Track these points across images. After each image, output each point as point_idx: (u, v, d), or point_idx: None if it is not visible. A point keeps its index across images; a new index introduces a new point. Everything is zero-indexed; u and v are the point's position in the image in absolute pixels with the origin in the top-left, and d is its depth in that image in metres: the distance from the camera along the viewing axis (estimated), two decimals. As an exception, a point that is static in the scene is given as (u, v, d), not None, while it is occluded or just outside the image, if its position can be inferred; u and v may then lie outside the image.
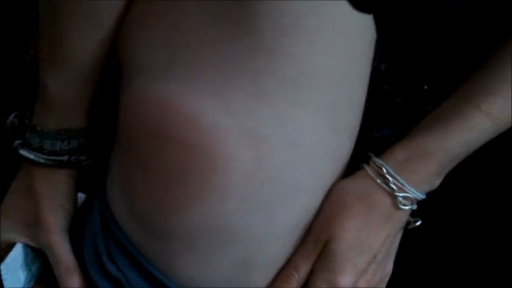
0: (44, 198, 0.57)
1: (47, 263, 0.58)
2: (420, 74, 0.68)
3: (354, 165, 0.55)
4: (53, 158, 0.56)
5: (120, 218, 0.54)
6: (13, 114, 0.58)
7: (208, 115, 0.47)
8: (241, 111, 0.47)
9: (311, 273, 0.52)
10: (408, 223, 0.55)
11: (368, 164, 0.53)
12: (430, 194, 0.54)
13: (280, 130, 0.48)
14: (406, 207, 0.52)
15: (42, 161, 0.56)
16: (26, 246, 0.59)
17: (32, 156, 0.56)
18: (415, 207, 0.53)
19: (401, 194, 0.52)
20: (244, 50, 0.47)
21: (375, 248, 0.52)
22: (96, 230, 0.56)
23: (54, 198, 0.57)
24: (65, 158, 0.56)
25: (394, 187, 0.52)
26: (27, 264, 0.58)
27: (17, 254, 0.58)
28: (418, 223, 0.54)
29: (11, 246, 0.58)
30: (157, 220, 0.51)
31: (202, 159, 0.48)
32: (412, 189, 0.52)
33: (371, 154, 0.54)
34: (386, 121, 0.66)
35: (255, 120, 0.48)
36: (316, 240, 0.52)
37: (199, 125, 0.47)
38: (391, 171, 0.52)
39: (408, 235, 0.56)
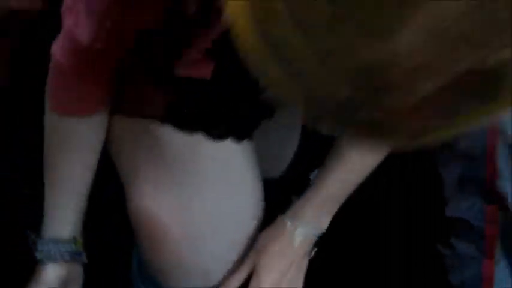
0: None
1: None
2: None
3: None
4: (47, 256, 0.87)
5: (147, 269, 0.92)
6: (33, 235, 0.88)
7: (165, 221, 0.84)
8: (179, 209, 0.84)
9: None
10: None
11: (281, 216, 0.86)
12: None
13: (204, 216, 0.83)
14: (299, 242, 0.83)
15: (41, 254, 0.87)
16: None
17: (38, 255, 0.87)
18: (313, 240, 0.83)
19: (296, 233, 0.82)
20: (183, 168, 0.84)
21: (284, 270, 0.83)
22: (136, 273, 0.94)
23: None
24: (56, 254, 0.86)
25: (291, 228, 0.83)
26: None
27: None
28: (314, 251, 0.84)
29: None
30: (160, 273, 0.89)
31: (162, 244, 0.85)
32: (303, 229, 0.83)
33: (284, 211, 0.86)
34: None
35: (185, 209, 0.84)
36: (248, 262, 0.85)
37: (161, 228, 0.84)
38: (288, 220, 0.83)
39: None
